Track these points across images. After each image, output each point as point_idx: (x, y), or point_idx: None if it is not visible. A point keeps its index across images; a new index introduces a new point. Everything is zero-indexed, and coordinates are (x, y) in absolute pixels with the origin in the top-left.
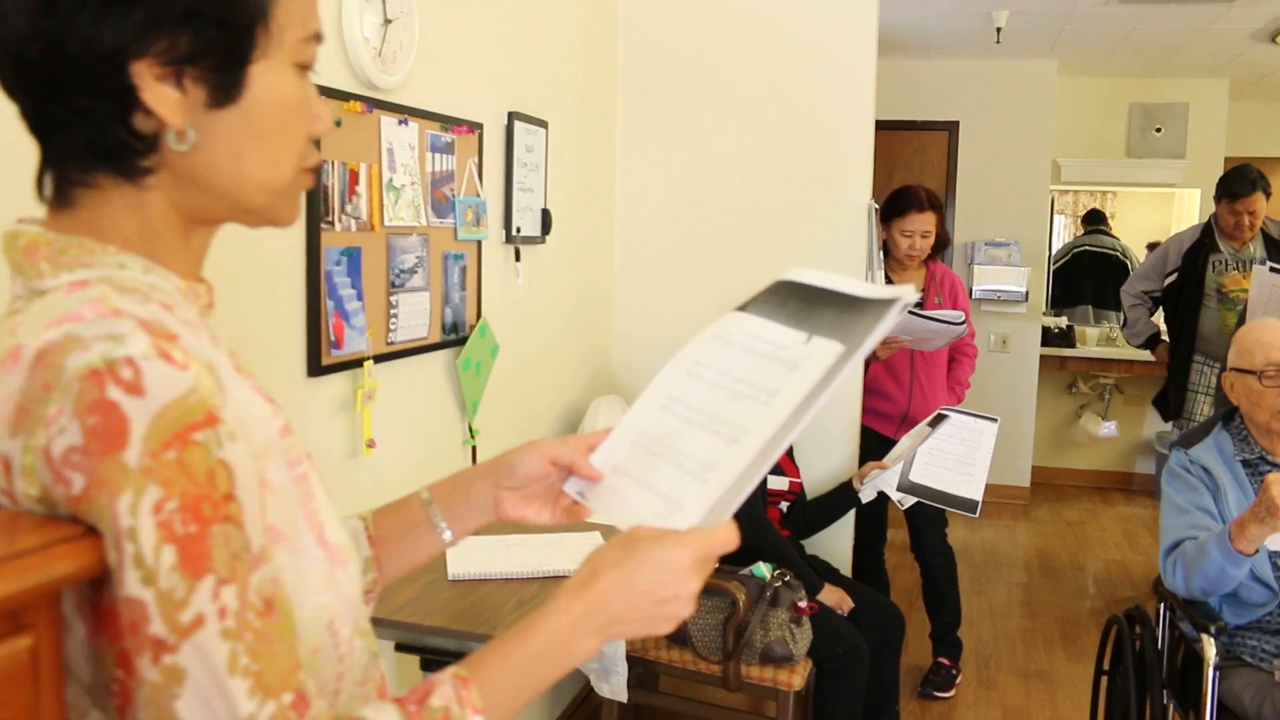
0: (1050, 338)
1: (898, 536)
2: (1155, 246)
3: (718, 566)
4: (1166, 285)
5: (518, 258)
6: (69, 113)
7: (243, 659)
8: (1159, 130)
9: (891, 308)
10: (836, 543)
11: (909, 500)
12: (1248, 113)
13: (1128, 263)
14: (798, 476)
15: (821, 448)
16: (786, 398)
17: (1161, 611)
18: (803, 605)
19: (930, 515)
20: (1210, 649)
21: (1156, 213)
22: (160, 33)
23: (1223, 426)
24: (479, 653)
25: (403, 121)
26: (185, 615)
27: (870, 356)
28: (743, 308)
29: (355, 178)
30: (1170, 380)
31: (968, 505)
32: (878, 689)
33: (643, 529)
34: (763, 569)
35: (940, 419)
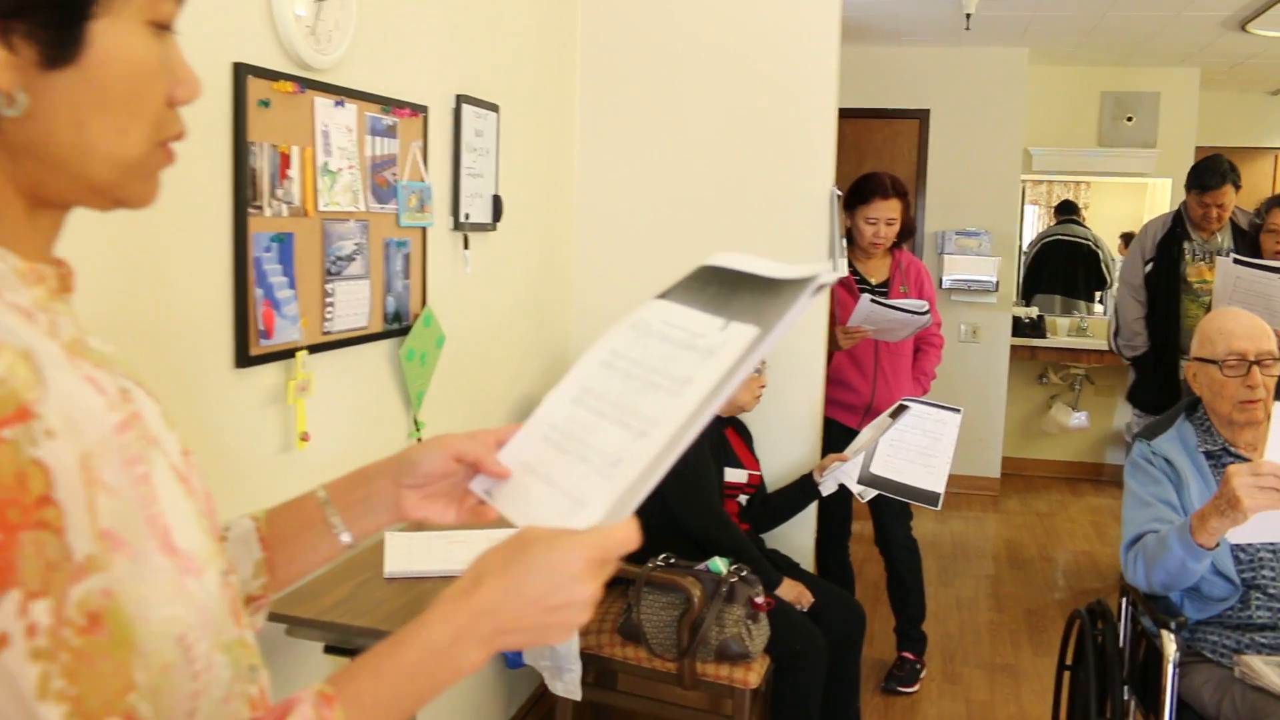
0: (1021, 328)
1: (866, 529)
2: (1129, 237)
3: (672, 562)
4: (1145, 275)
5: (466, 245)
6: None
7: (56, 682)
8: (1130, 119)
9: (806, 287)
10: (798, 536)
11: (869, 493)
12: (1218, 102)
13: (1099, 253)
14: (757, 469)
15: (783, 439)
16: (698, 387)
17: (1123, 606)
18: (759, 601)
19: (895, 508)
20: (1170, 645)
21: (1129, 203)
22: None
23: (1186, 417)
24: (347, 668)
25: (339, 103)
26: None
27: (833, 346)
28: (663, 295)
29: (286, 161)
30: (1149, 372)
31: (929, 498)
32: (838, 685)
33: (534, 529)
34: (719, 564)
35: (902, 410)
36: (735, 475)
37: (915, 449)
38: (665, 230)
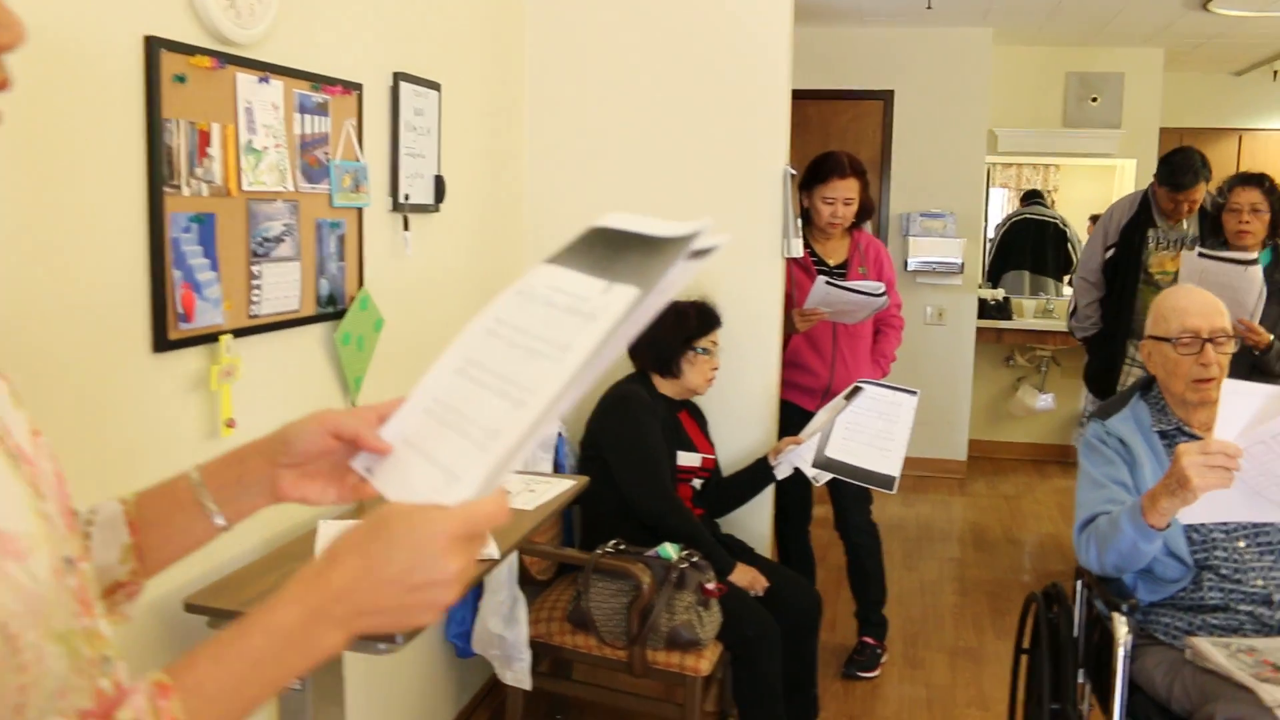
0: (987, 310)
1: (829, 513)
2: (1097, 218)
3: (622, 548)
4: (1105, 260)
5: (406, 226)
6: None
7: None
8: (1095, 100)
9: (686, 244)
10: (754, 521)
11: (824, 476)
12: (1182, 83)
13: (1067, 231)
14: (711, 452)
15: (738, 422)
16: (577, 352)
17: (1078, 589)
18: (710, 587)
19: (854, 492)
20: (1121, 628)
21: (1098, 186)
22: None
23: (1140, 397)
24: (188, 655)
25: (263, 79)
26: None
27: (790, 329)
28: (551, 259)
29: (206, 139)
30: (1101, 355)
31: (884, 481)
32: (795, 671)
33: (395, 505)
34: (669, 550)
35: (857, 391)
36: (689, 459)
37: (871, 432)
38: (617, 211)
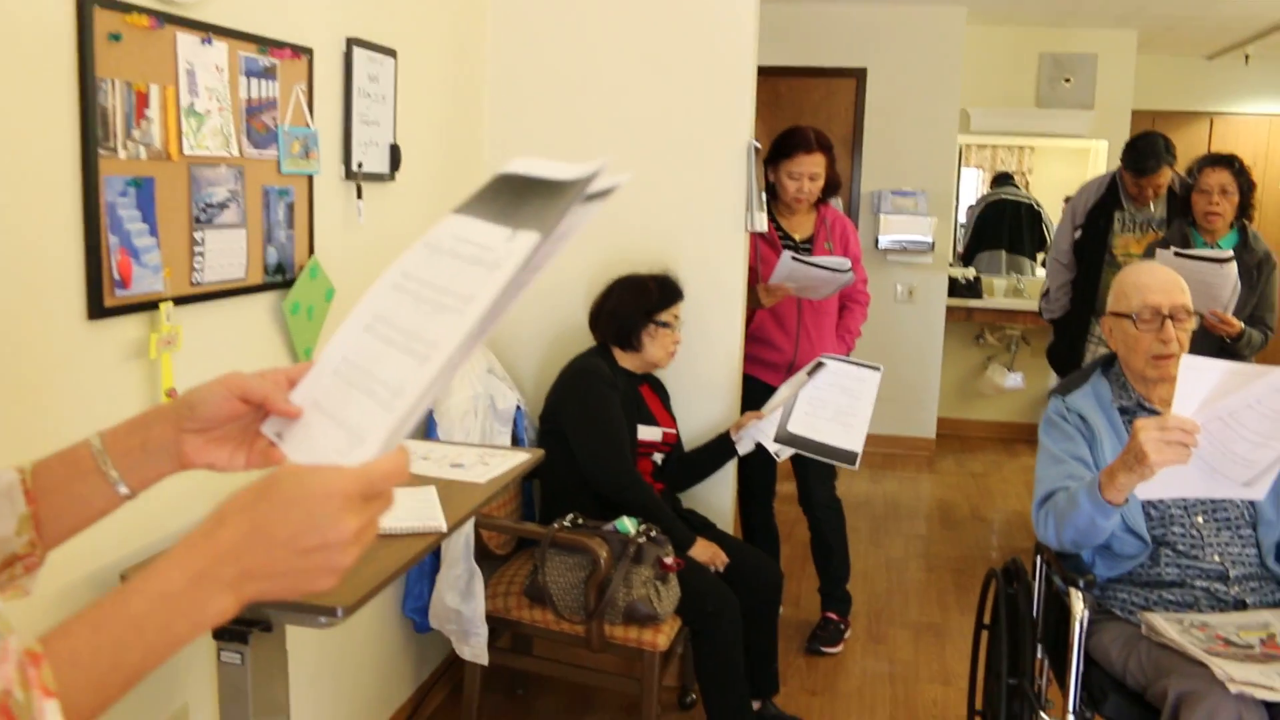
0: (957, 288)
1: (795, 488)
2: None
3: (580, 522)
4: (1074, 240)
5: (359, 195)
6: None
7: None
8: (1068, 81)
9: (586, 184)
10: (715, 496)
11: (785, 452)
12: (1155, 65)
13: (1041, 211)
14: (673, 427)
15: (701, 397)
16: (478, 304)
17: (1038, 565)
18: (668, 561)
19: (818, 468)
20: (1078, 603)
21: (1071, 168)
22: None
23: (1101, 373)
24: (64, 622)
25: (206, 40)
26: None
27: (754, 304)
28: (458, 209)
29: (144, 100)
30: (1065, 334)
31: (846, 457)
32: (756, 647)
33: (289, 465)
34: (627, 524)
35: (819, 367)
36: (649, 433)
37: (834, 407)
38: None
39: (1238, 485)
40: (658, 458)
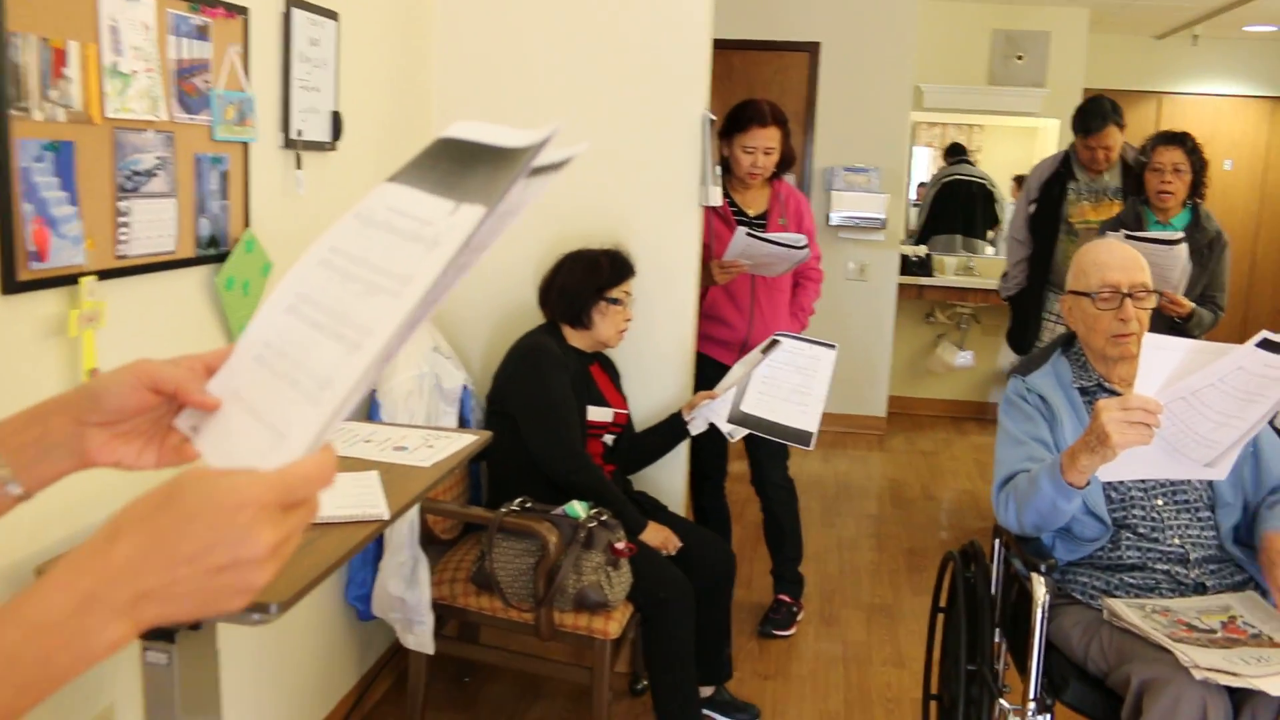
0: (909, 266)
1: (746, 469)
2: (1021, 179)
3: (528, 506)
4: (1028, 215)
5: (299, 165)
6: None
7: None
8: (1020, 58)
9: (536, 151)
10: (667, 478)
11: (739, 432)
12: (1106, 45)
13: (994, 191)
14: (624, 407)
15: (652, 376)
16: (417, 285)
17: (996, 548)
18: (620, 546)
19: (771, 448)
20: (1040, 589)
21: (1019, 147)
22: None
23: (1061, 353)
24: None
25: None
26: None
27: (707, 281)
28: (394, 177)
29: (62, 58)
30: (1022, 311)
31: (801, 437)
32: (708, 632)
33: (194, 470)
34: (576, 508)
35: (774, 345)
36: (599, 414)
37: (788, 387)
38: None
39: (1199, 465)
40: (608, 439)
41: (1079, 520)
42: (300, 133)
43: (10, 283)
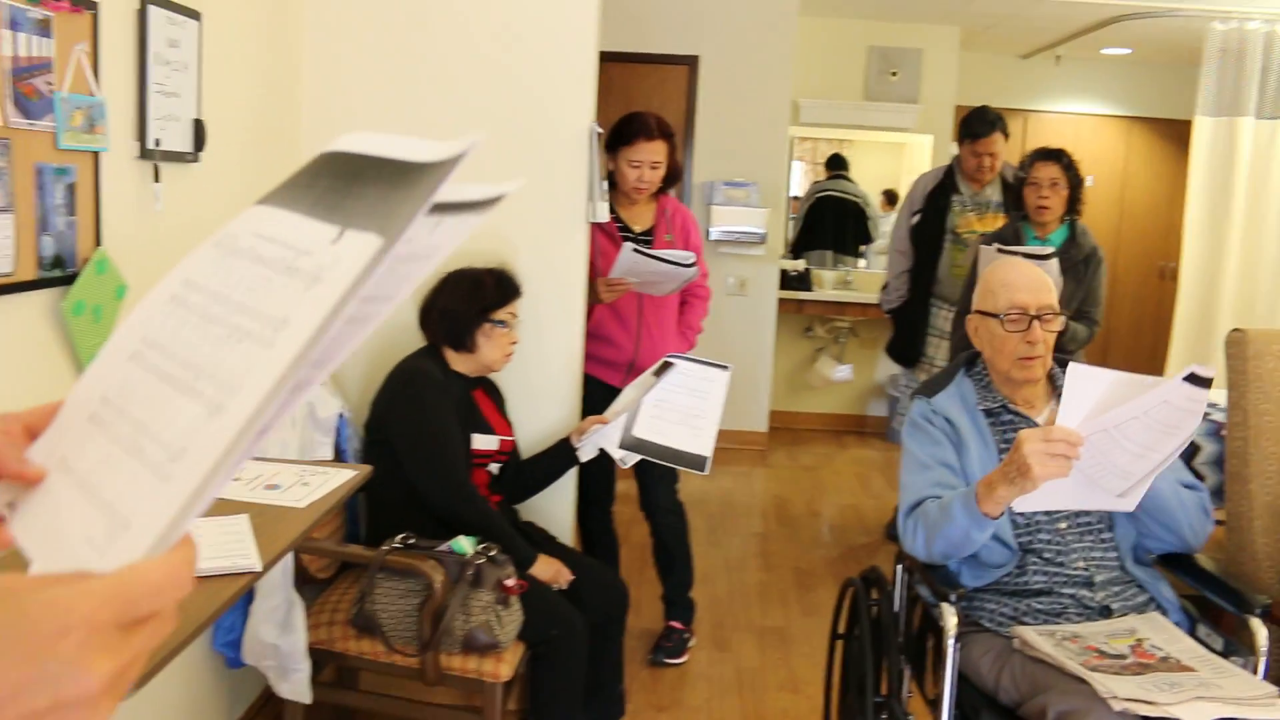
0: (788, 281)
1: (632, 489)
2: (891, 194)
3: (411, 543)
4: (911, 226)
5: (157, 177)
6: None
7: None
8: (894, 75)
9: (448, 169)
10: (556, 507)
11: (632, 458)
12: (976, 63)
13: (867, 209)
14: (510, 434)
15: (539, 400)
16: (296, 331)
17: (898, 574)
18: (510, 584)
19: (660, 471)
20: (950, 619)
21: (889, 161)
22: None
23: (965, 373)
24: None
25: None
26: None
27: (593, 299)
28: (265, 198)
29: None
30: (906, 324)
31: (696, 462)
32: (600, 668)
33: (10, 578)
34: (463, 544)
35: (667, 367)
36: (484, 442)
37: (681, 410)
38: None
39: (1112, 497)
40: (494, 468)
41: (987, 547)
42: (158, 142)
43: None
